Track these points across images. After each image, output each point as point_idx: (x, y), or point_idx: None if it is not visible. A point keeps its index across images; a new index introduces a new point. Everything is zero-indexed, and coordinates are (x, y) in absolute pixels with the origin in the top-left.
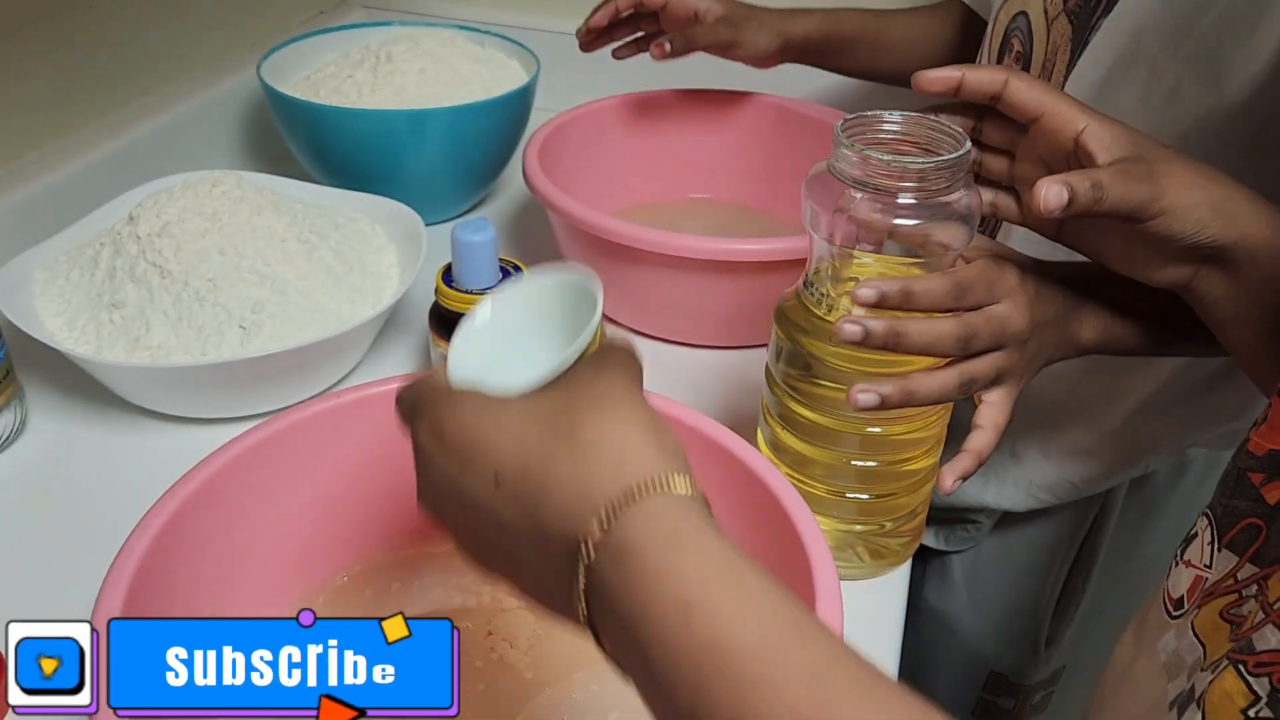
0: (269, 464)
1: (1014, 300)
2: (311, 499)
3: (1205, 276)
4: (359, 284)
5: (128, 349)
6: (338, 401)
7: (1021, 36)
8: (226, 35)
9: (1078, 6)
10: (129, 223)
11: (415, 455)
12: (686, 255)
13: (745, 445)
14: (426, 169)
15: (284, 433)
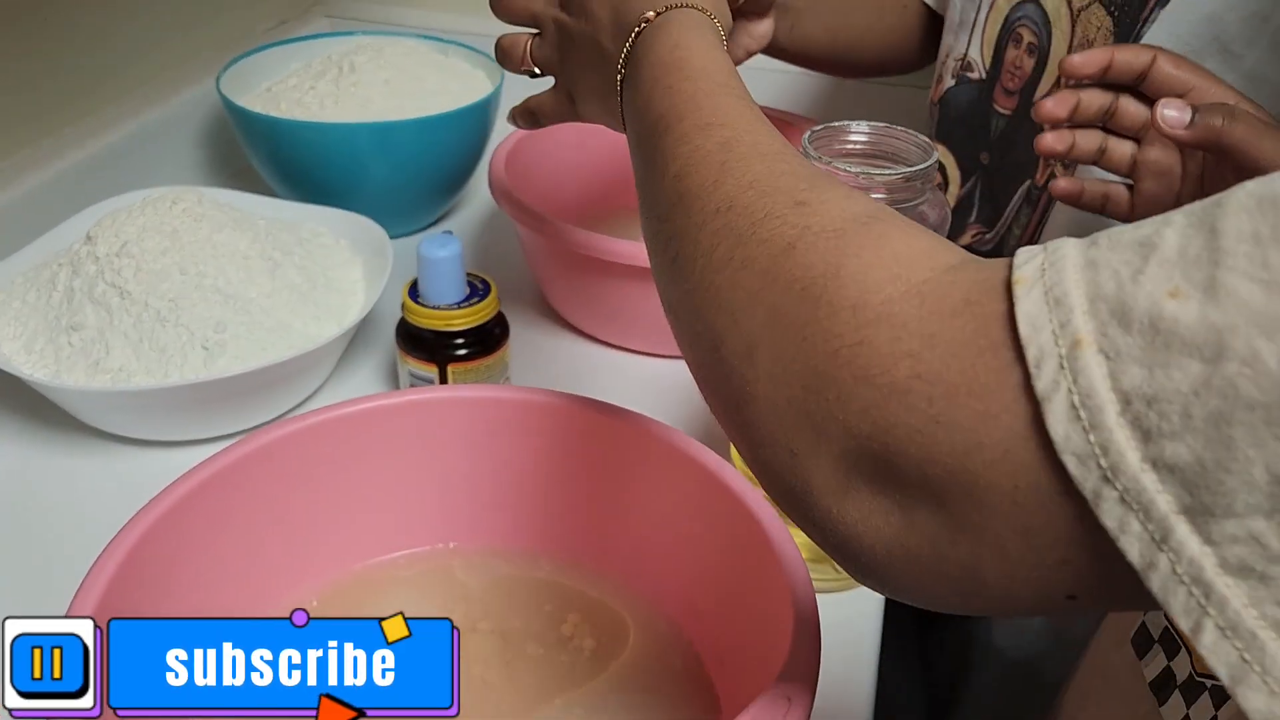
0: (238, 488)
1: None
2: (280, 521)
3: None
4: (324, 301)
5: (88, 372)
6: (311, 421)
7: (1034, 26)
8: (186, 45)
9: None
10: (87, 242)
11: (546, 23)
12: (647, 265)
13: (721, 462)
14: (392, 181)
15: (253, 455)
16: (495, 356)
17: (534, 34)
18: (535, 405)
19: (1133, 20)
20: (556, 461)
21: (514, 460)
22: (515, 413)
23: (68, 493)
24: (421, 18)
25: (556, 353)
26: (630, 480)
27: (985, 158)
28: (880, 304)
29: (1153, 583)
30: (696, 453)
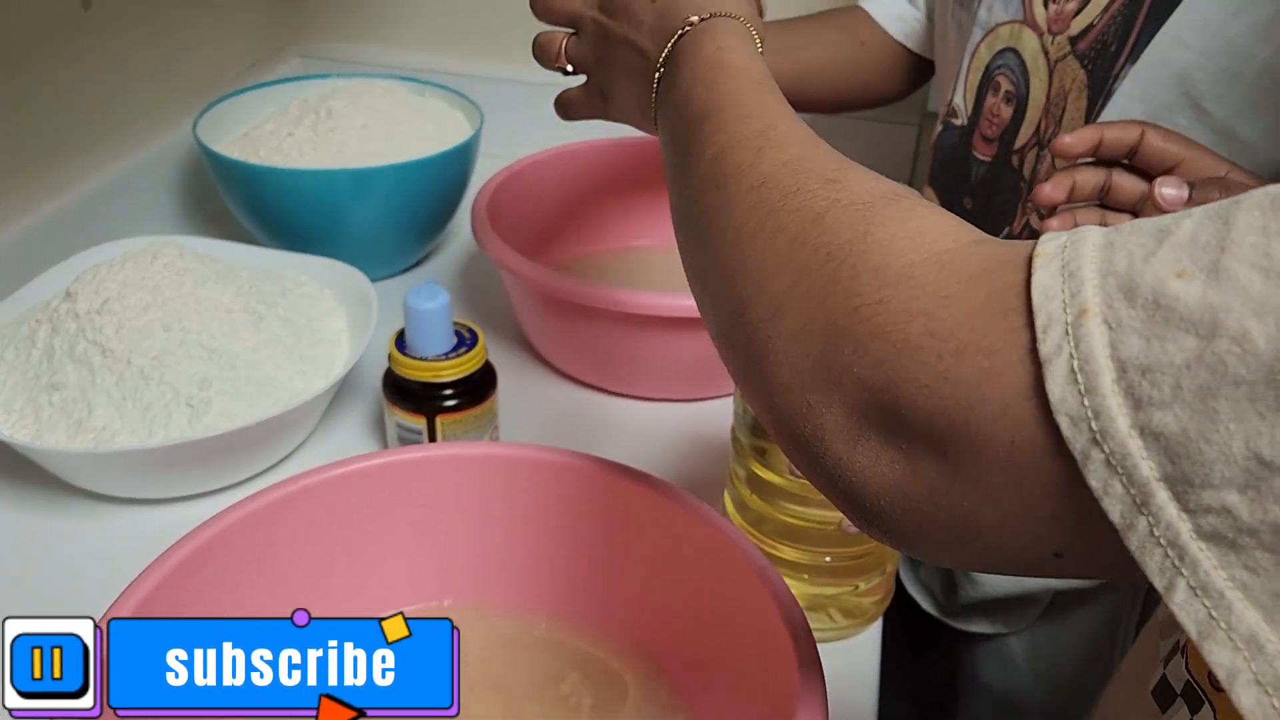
0: (238, 548)
1: None
2: (279, 579)
3: None
4: (309, 353)
5: (69, 432)
6: (310, 481)
7: (1012, 75)
8: (158, 89)
9: (1092, 50)
10: (66, 299)
11: (585, 24)
12: (639, 312)
13: (719, 518)
14: (372, 226)
15: (254, 516)
16: (484, 406)
17: (570, 33)
18: (532, 462)
19: (1105, 75)
20: (553, 519)
21: (510, 518)
22: (512, 470)
23: (50, 554)
24: (396, 56)
25: (543, 397)
26: (627, 537)
27: (968, 203)
28: (902, 267)
29: (1131, 542)
30: (694, 508)
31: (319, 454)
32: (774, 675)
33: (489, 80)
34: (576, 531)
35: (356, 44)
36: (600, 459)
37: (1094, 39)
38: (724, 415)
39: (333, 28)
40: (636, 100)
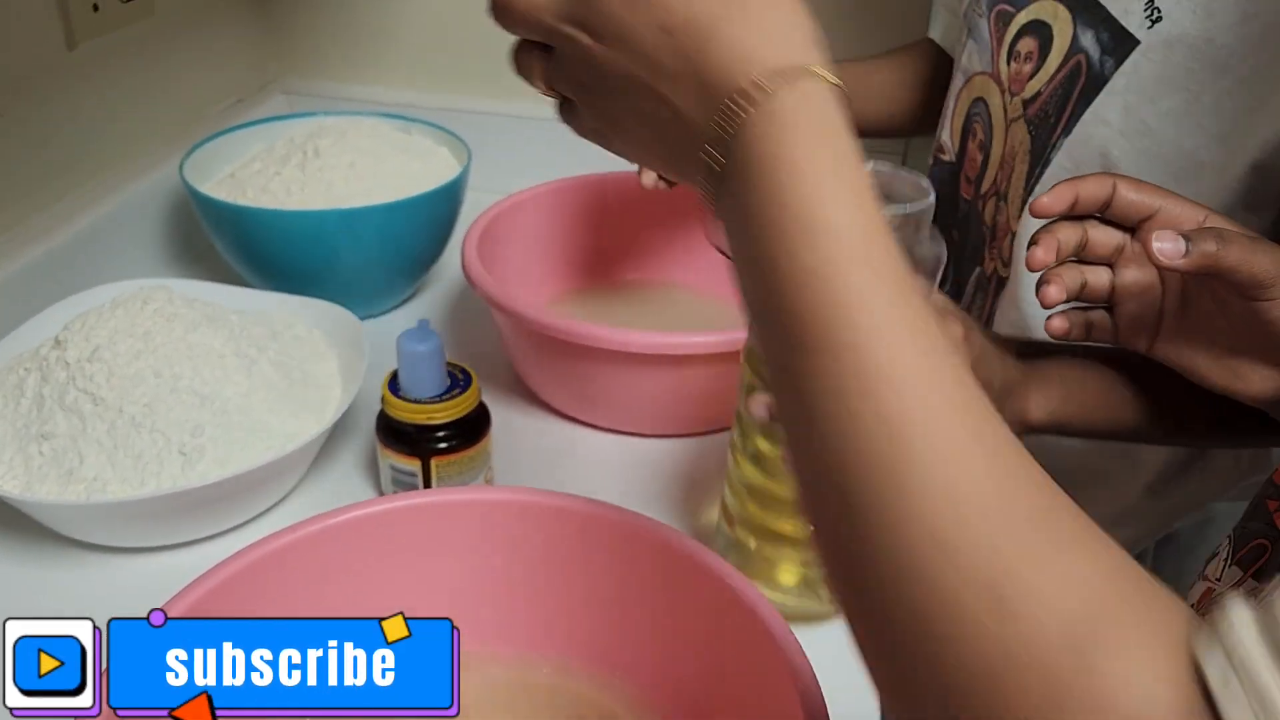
0: (243, 597)
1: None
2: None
3: None
4: (301, 396)
5: (60, 482)
6: (311, 530)
7: (983, 124)
8: (142, 129)
9: (1037, 118)
10: (56, 347)
11: (561, 42)
12: (632, 350)
13: (720, 561)
14: (361, 265)
15: (260, 563)
16: (478, 447)
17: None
18: (531, 507)
19: (1044, 143)
20: (557, 564)
21: (512, 563)
22: (515, 515)
23: (42, 605)
24: (381, 93)
25: (537, 435)
26: (629, 580)
27: (956, 234)
28: None
29: None
30: (694, 551)
31: (313, 497)
32: (780, 715)
33: (476, 115)
34: (580, 577)
35: (341, 82)
36: (601, 502)
37: (1039, 107)
38: (719, 450)
39: (317, 65)
40: (665, 159)
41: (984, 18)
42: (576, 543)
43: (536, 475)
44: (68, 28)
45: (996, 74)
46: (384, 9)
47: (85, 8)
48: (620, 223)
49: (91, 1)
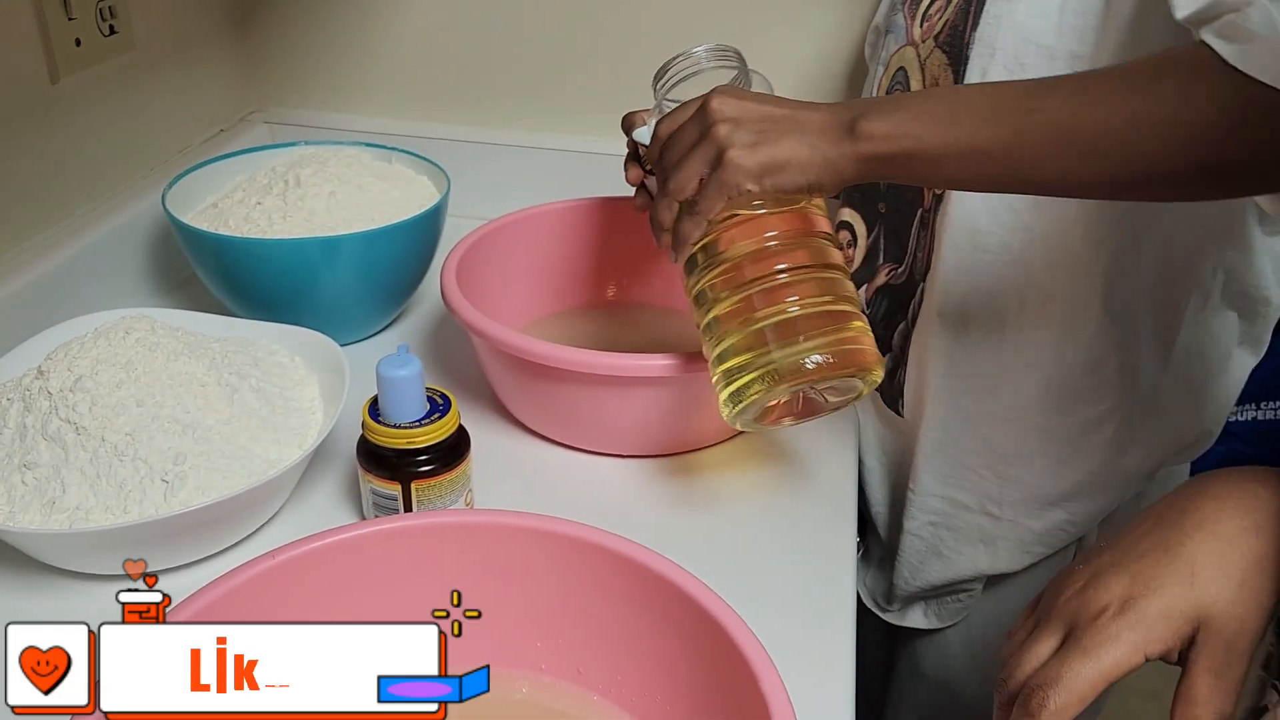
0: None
1: (700, 111)
2: None
3: None
4: (283, 423)
5: (43, 511)
6: (283, 557)
7: (903, 87)
8: (125, 159)
9: (949, 38)
10: (39, 377)
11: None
12: (606, 372)
13: (696, 581)
14: (343, 293)
15: (246, 585)
16: (458, 470)
17: None
18: (511, 529)
19: (960, 48)
20: (533, 583)
21: (489, 581)
22: (490, 537)
23: None
24: (361, 122)
25: (516, 457)
26: (605, 600)
27: (882, 207)
28: None
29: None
30: (669, 572)
31: (294, 522)
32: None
33: (455, 143)
34: (559, 596)
35: (322, 111)
36: (579, 524)
37: (949, 29)
38: (697, 469)
39: (298, 95)
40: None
41: (899, 12)
42: (557, 563)
43: (516, 497)
44: (51, 62)
45: (911, 40)
46: (363, 39)
47: (68, 42)
48: (597, 246)
49: (74, 36)
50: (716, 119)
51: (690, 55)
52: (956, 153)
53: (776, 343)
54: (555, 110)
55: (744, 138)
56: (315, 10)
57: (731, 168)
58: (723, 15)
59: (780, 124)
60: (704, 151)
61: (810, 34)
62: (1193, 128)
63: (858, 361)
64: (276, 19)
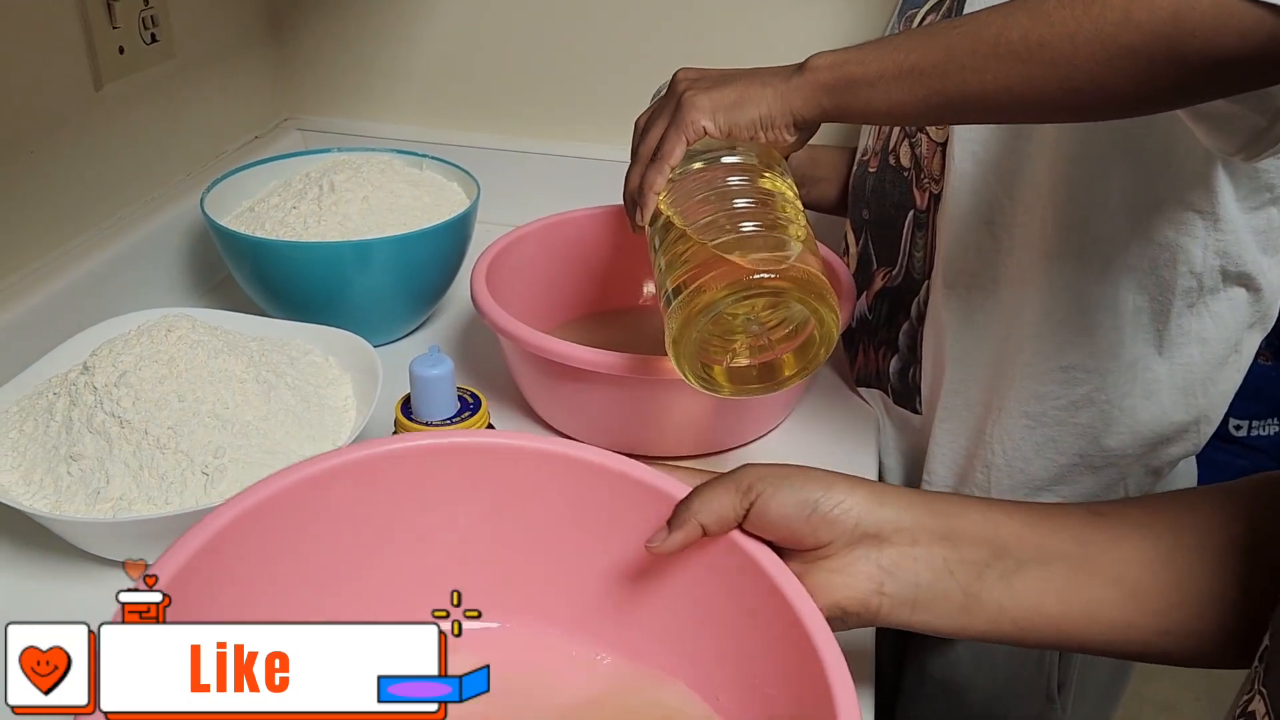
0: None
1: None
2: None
3: None
4: (317, 420)
5: (88, 501)
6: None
7: None
8: (164, 164)
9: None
10: (84, 372)
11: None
12: (627, 374)
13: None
14: (375, 295)
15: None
16: None
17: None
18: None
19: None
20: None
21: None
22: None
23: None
24: (392, 129)
25: None
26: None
27: (866, 213)
28: None
29: None
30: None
31: None
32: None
33: (485, 150)
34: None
35: (354, 119)
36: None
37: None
38: (720, 470)
39: (331, 104)
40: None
41: (896, 29)
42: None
43: None
44: (95, 69)
45: None
46: (395, 49)
47: (111, 50)
48: (623, 252)
49: (118, 44)
50: (679, 80)
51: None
52: (894, 73)
53: (709, 269)
54: (583, 118)
55: (702, 85)
56: (348, 21)
57: (687, 106)
58: (745, 26)
59: (739, 75)
60: (666, 107)
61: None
62: (1127, 47)
63: (789, 276)
64: (310, 30)
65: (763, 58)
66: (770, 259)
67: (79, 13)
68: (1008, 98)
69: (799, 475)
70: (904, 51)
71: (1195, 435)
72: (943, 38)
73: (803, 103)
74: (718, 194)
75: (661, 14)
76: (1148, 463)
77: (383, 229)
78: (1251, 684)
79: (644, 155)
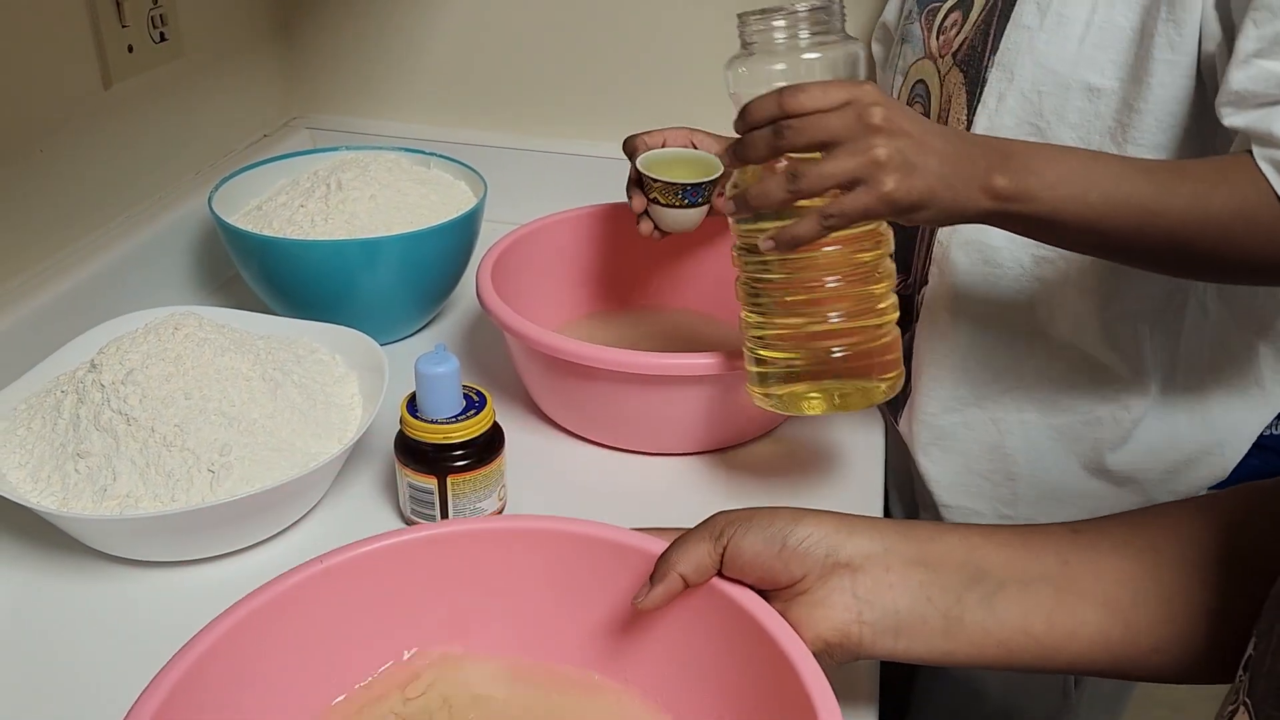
0: (288, 615)
1: (856, 105)
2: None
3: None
4: (324, 418)
5: (95, 499)
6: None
7: (923, 101)
8: (173, 162)
9: (966, 56)
10: (91, 370)
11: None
12: (636, 371)
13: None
14: (382, 293)
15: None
16: (492, 466)
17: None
18: (547, 534)
19: (977, 70)
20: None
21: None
22: (530, 542)
23: (76, 616)
24: (400, 128)
25: (548, 454)
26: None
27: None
28: None
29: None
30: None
31: (334, 514)
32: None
33: (491, 149)
34: (601, 601)
35: (361, 117)
36: (619, 528)
37: (967, 48)
38: (726, 468)
39: (339, 102)
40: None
41: (915, 22)
42: (597, 567)
43: (550, 494)
44: (104, 68)
45: (929, 53)
46: (402, 48)
47: (120, 49)
48: (627, 250)
49: (127, 43)
50: (878, 124)
51: (794, 14)
52: (1076, 225)
53: (812, 344)
54: (589, 117)
55: (899, 163)
56: (356, 20)
57: (882, 199)
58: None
59: (929, 155)
60: (858, 164)
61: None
62: (1245, 232)
63: (874, 370)
64: (318, 29)
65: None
66: (863, 393)
67: (88, 12)
68: (1162, 263)
69: (765, 514)
70: (1084, 200)
71: (1206, 463)
72: (1119, 202)
73: (973, 219)
74: (837, 264)
75: (669, 12)
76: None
77: (390, 227)
78: (1236, 694)
79: (807, 190)
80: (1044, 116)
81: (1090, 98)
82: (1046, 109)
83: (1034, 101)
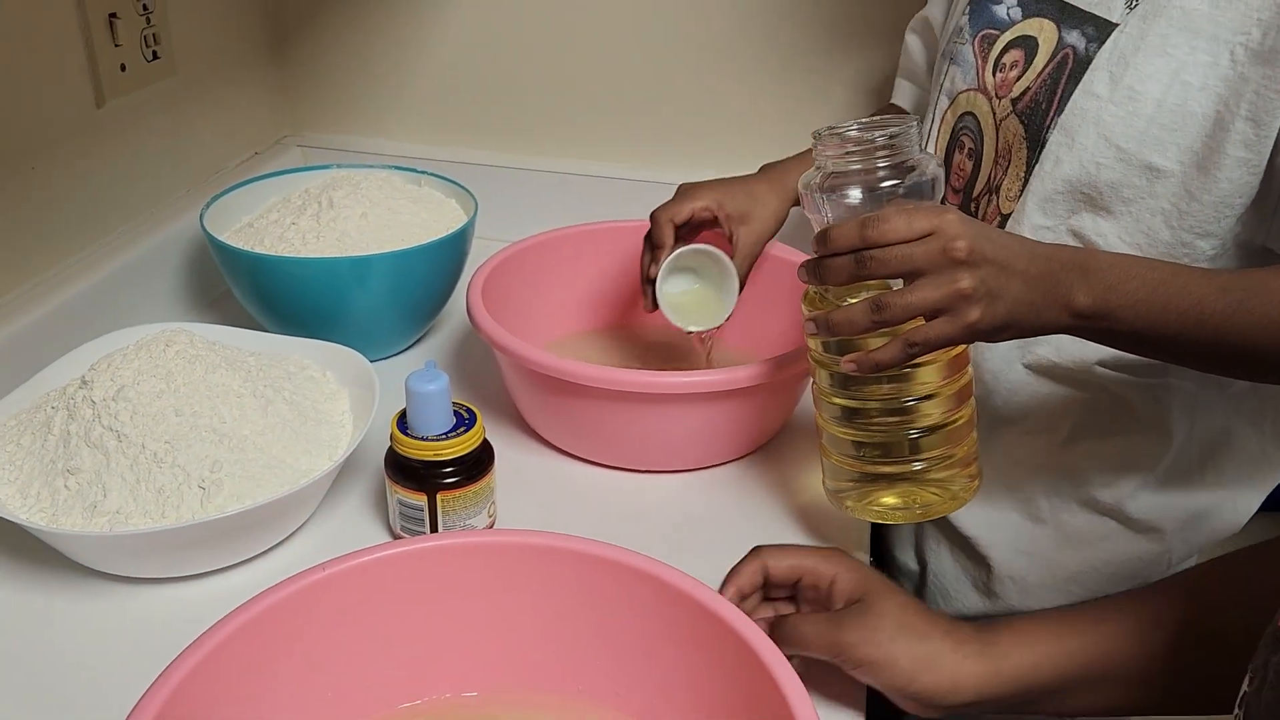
0: (277, 631)
1: (939, 236)
2: (315, 667)
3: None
4: (314, 434)
5: (85, 515)
6: (327, 572)
7: (971, 135)
8: (165, 180)
9: (1028, 108)
10: (83, 386)
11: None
12: (624, 389)
13: (712, 593)
14: (372, 310)
15: (292, 599)
16: (482, 483)
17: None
18: (537, 549)
19: (1039, 127)
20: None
21: (517, 603)
22: (519, 557)
23: (66, 633)
24: (391, 146)
25: (538, 471)
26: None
27: None
28: None
29: None
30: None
31: (324, 530)
32: None
33: (482, 167)
34: (585, 616)
35: (354, 135)
36: (618, 548)
37: (1029, 100)
38: (713, 485)
39: (330, 120)
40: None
41: (967, 44)
42: (580, 581)
43: (538, 510)
44: (97, 86)
45: (983, 86)
46: (394, 67)
47: (113, 67)
48: (617, 268)
49: (120, 61)
50: (963, 258)
51: (872, 144)
52: (1153, 341)
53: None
54: (579, 137)
55: (984, 294)
56: (348, 39)
57: (967, 329)
58: (750, 47)
59: (1011, 280)
60: (942, 295)
61: (840, 72)
62: None
63: (952, 505)
64: (310, 47)
65: (763, 73)
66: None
67: (81, 30)
68: (1236, 374)
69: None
70: (1159, 320)
71: (1214, 522)
72: (1194, 321)
73: (1053, 332)
74: (923, 388)
75: (660, 34)
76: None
77: (381, 245)
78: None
79: (891, 319)
80: (1098, 189)
81: (1150, 177)
82: (1102, 181)
83: (1091, 172)
